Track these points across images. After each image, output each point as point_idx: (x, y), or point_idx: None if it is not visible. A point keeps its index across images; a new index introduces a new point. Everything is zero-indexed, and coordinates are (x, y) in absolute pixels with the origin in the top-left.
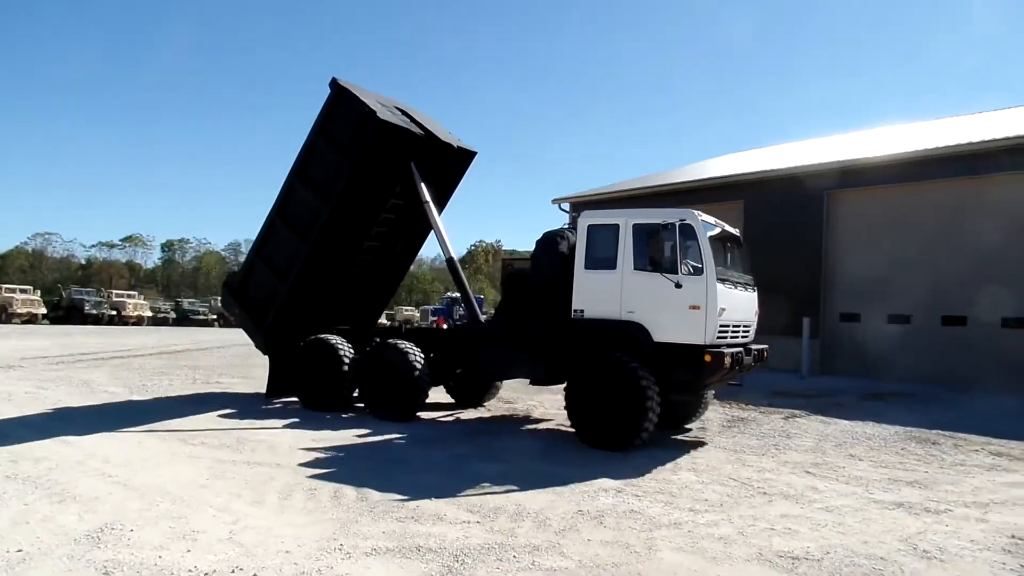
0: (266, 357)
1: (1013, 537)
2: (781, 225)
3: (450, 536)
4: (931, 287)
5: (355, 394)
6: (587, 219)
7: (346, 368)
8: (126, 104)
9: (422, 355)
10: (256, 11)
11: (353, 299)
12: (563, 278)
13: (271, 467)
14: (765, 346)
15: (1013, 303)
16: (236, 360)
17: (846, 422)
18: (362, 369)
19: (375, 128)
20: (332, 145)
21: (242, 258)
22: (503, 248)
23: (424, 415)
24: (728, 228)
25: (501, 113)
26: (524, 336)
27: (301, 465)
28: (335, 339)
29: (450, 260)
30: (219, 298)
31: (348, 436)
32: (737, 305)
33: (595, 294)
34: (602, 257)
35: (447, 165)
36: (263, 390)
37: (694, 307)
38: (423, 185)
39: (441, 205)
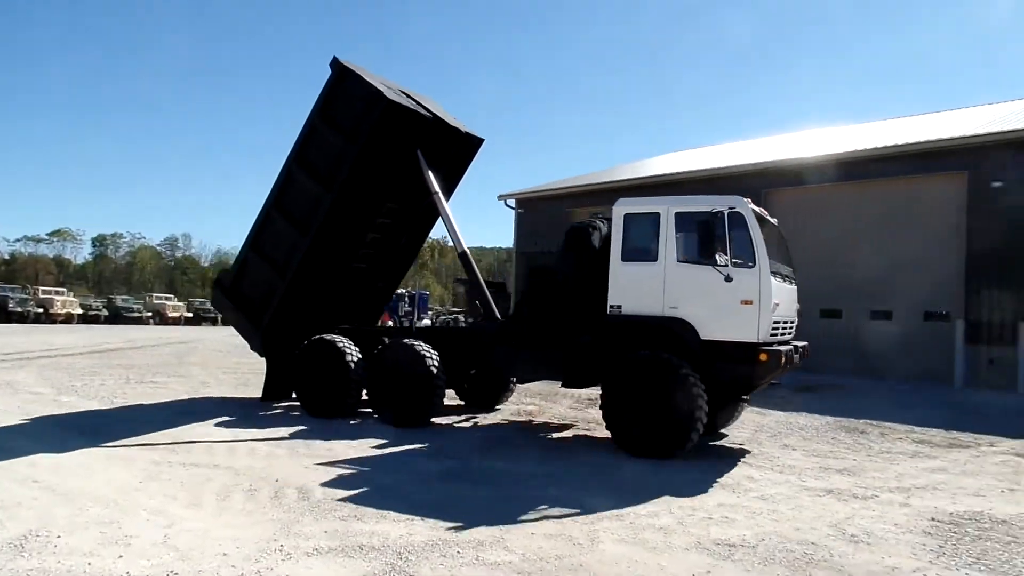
0: (203, 355)
1: (933, 520)
2: None
3: (393, 534)
4: (861, 282)
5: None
6: (623, 207)
7: (353, 371)
8: (52, 93)
9: (437, 356)
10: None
11: (354, 296)
12: (596, 272)
13: (210, 469)
14: (805, 343)
15: (931, 298)
16: (171, 359)
17: (780, 413)
18: (372, 371)
19: (382, 109)
20: (335, 129)
21: (179, 254)
22: (448, 244)
23: (436, 421)
24: (768, 216)
25: (446, 104)
26: (553, 335)
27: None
28: (339, 339)
29: (463, 254)
30: (154, 296)
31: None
32: (784, 299)
33: (634, 288)
34: (641, 248)
35: (453, 152)
36: (201, 393)
37: (746, 302)
38: (431, 174)
39: (447, 195)
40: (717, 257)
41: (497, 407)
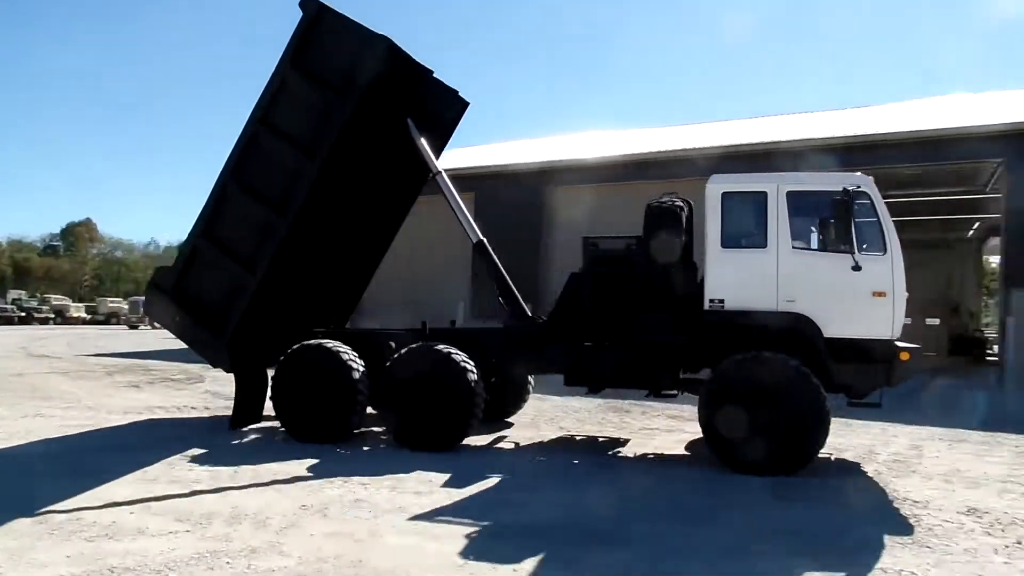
0: None
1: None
2: (508, 217)
3: (153, 550)
4: None
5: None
6: (720, 185)
7: (357, 384)
8: None
9: (473, 364)
10: None
11: (327, 292)
12: (686, 260)
13: None
14: None
15: None
16: None
17: (558, 399)
18: (390, 384)
19: (383, 56)
20: (315, 83)
21: None
22: None
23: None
24: None
25: (215, 77)
26: (639, 335)
27: None
28: (338, 345)
29: (479, 244)
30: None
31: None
32: None
33: (739, 279)
34: (745, 233)
35: (441, 118)
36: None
37: (879, 294)
38: (428, 149)
39: (427, 171)
40: (844, 243)
41: (509, 419)
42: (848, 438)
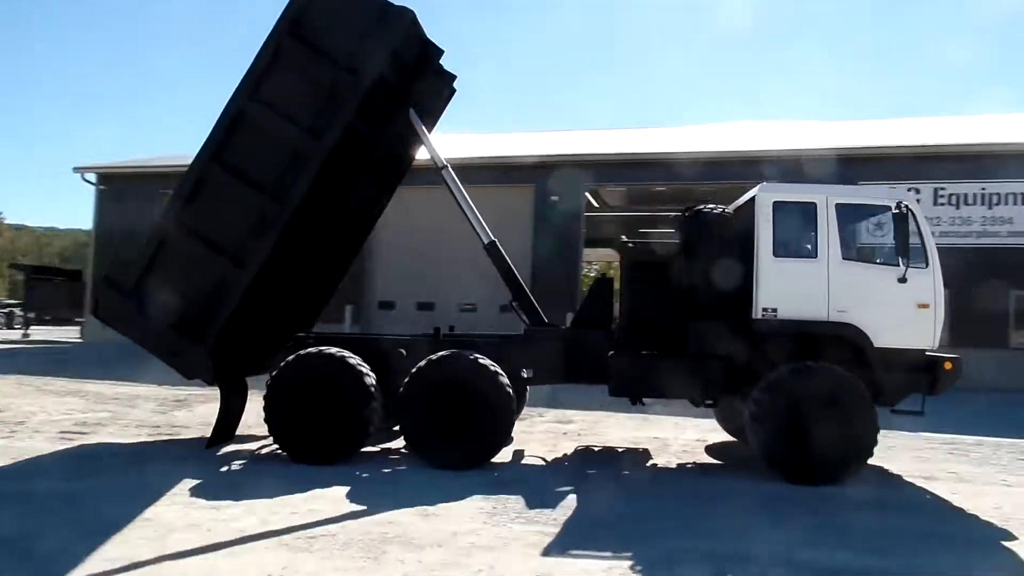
0: None
1: (486, 484)
2: None
3: None
4: (450, 279)
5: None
6: (771, 193)
7: (373, 399)
8: None
9: (505, 374)
10: None
11: (309, 289)
12: (733, 267)
13: None
14: None
15: (504, 293)
16: None
17: None
18: (415, 396)
19: (405, 27)
20: (318, 54)
21: None
22: (5, 222)
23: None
24: None
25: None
26: (692, 345)
27: None
28: (345, 353)
29: (492, 245)
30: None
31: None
32: None
33: (791, 289)
34: (796, 243)
35: (436, 103)
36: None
37: (923, 305)
38: (431, 141)
39: (409, 161)
40: (891, 256)
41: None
42: (646, 431)
